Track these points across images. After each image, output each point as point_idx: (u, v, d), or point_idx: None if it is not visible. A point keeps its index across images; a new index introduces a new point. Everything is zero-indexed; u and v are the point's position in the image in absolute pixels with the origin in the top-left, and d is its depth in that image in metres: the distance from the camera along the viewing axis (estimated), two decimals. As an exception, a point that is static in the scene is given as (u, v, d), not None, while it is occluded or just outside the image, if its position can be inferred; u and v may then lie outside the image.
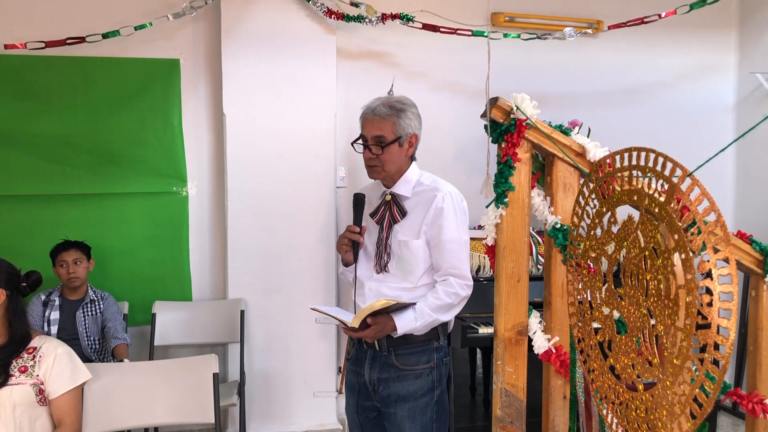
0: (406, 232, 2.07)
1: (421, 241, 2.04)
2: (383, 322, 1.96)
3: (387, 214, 2.11)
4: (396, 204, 2.11)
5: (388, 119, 2.04)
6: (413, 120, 2.08)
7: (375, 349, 2.08)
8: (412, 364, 2.06)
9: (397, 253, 2.08)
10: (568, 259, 1.50)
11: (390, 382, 2.06)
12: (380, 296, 2.06)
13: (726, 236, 0.92)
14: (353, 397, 2.19)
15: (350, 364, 2.21)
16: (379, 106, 2.06)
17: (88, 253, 3.20)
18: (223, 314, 3.48)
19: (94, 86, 3.42)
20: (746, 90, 4.22)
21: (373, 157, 2.06)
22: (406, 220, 2.08)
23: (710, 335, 0.93)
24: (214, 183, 3.64)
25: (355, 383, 2.17)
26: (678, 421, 0.99)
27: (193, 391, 2.31)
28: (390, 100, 2.08)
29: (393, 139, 2.05)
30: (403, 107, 2.07)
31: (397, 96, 2.13)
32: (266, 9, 3.46)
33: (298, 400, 3.61)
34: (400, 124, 2.05)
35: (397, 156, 2.07)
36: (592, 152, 1.80)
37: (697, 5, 3.30)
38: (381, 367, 2.08)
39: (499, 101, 1.81)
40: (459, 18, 3.49)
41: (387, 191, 2.14)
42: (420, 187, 2.11)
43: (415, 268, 2.06)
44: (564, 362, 1.86)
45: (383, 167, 2.07)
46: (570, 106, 3.97)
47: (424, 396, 2.06)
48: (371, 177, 2.14)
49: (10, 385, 2.00)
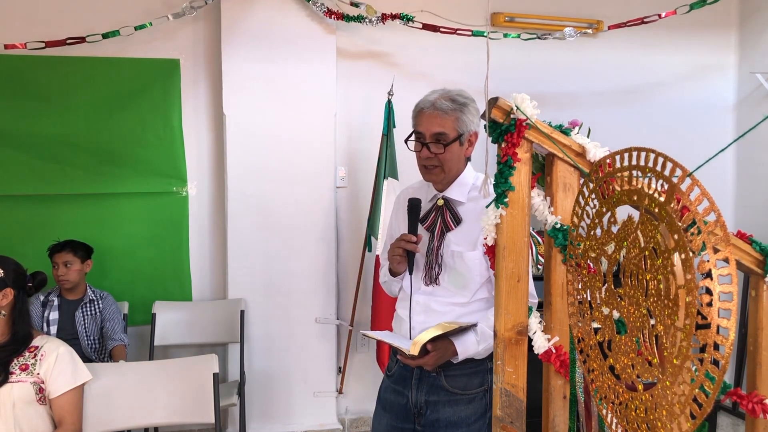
0: (461, 242, 1.87)
1: (478, 252, 1.84)
2: (443, 348, 1.79)
3: (439, 221, 1.91)
4: (449, 210, 1.90)
5: (450, 114, 1.84)
6: (475, 116, 1.88)
7: (422, 369, 1.89)
8: (463, 387, 1.88)
9: (449, 265, 1.88)
10: (568, 259, 1.50)
11: (439, 406, 1.87)
12: (428, 311, 1.90)
13: (726, 236, 0.92)
14: (388, 417, 1.98)
15: (391, 381, 2.00)
16: (439, 100, 1.85)
17: (83, 255, 3.17)
18: (223, 314, 3.48)
19: (94, 86, 3.43)
20: (746, 90, 4.22)
21: (431, 156, 1.86)
22: (461, 229, 1.88)
23: (710, 335, 0.93)
24: (214, 183, 3.64)
25: (395, 403, 1.96)
26: (678, 421, 0.99)
27: (193, 391, 2.31)
28: (451, 93, 1.87)
29: (455, 136, 1.85)
30: (465, 101, 1.87)
31: (456, 89, 1.91)
32: (266, 9, 3.46)
33: (298, 400, 3.61)
34: (463, 120, 1.85)
35: (457, 156, 1.88)
36: (592, 152, 1.80)
37: (697, 5, 3.29)
38: (429, 389, 1.89)
39: (499, 101, 1.80)
40: (459, 18, 3.49)
41: (439, 195, 1.93)
42: (476, 191, 1.88)
43: (469, 282, 1.87)
44: (564, 362, 1.86)
45: (443, 168, 1.87)
46: (570, 106, 3.97)
47: (477, 421, 1.87)
48: (427, 179, 1.94)
49: (10, 382, 2.00)
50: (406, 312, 1.94)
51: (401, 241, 1.89)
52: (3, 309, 2.07)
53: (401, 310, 1.97)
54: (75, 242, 3.18)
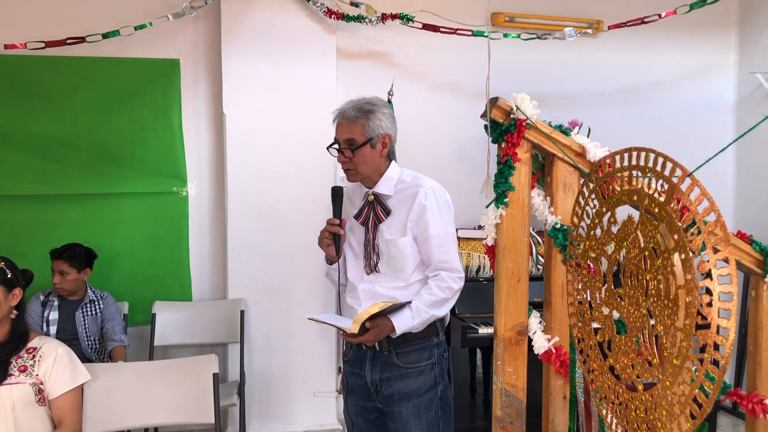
0: (392, 231, 2.06)
1: (408, 238, 2.04)
2: (381, 325, 1.95)
3: (371, 215, 2.11)
4: (379, 203, 2.10)
5: (357, 122, 2.03)
6: (384, 120, 2.06)
7: (375, 350, 2.07)
8: (413, 362, 2.06)
9: (385, 253, 2.07)
10: (568, 259, 1.50)
11: (393, 381, 2.06)
12: (374, 296, 2.06)
13: (726, 236, 0.92)
14: (353, 399, 2.18)
15: (348, 366, 2.20)
16: (348, 110, 2.06)
17: (80, 265, 3.10)
18: (223, 314, 3.48)
19: (94, 86, 3.42)
20: (746, 90, 4.22)
21: (346, 160, 2.06)
22: (391, 219, 2.07)
23: (710, 335, 0.93)
24: (214, 183, 3.64)
25: (355, 385, 2.15)
26: (678, 422, 0.99)
27: (193, 391, 2.31)
28: (359, 102, 2.07)
29: (364, 141, 2.03)
30: (372, 108, 2.05)
31: (368, 97, 2.11)
32: (266, 9, 3.46)
33: (298, 400, 3.61)
34: (369, 126, 2.03)
35: (370, 158, 2.06)
36: (592, 152, 1.80)
37: (697, 5, 3.29)
38: (383, 366, 2.07)
39: (499, 101, 1.80)
40: (459, 18, 3.49)
41: (369, 192, 2.13)
42: (401, 184, 2.09)
43: (405, 266, 2.05)
44: (564, 362, 1.86)
45: (357, 170, 2.07)
46: (570, 106, 3.97)
47: (427, 392, 2.06)
48: (348, 180, 2.14)
49: (9, 384, 2.00)
50: (354, 300, 2.13)
51: (327, 225, 2.13)
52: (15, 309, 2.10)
53: (350, 299, 2.16)
54: (75, 250, 3.11)
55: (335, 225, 2.11)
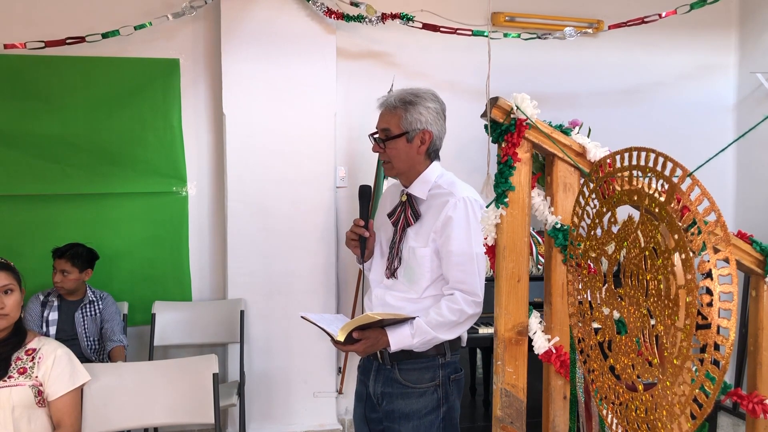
0: (417, 239, 1.92)
1: (429, 249, 1.89)
2: (374, 337, 1.84)
3: (402, 216, 1.97)
4: (411, 206, 1.95)
5: (395, 112, 1.90)
6: (426, 114, 1.90)
7: (380, 362, 1.97)
8: (415, 381, 1.94)
9: (406, 260, 1.94)
10: (568, 259, 1.50)
11: (394, 398, 1.95)
12: (383, 305, 1.96)
13: (726, 236, 0.92)
14: (361, 406, 2.09)
15: (359, 372, 2.11)
16: (391, 98, 1.93)
17: (82, 265, 3.10)
18: (223, 314, 3.47)
19: (94, 86, 3.42)
20: (746, 90, 4.22)
21: (380, 150, 1.95)
22: (419, 225, 1.93)
23: (710, 335, 0.93)
24: (214, 183, 3.64)
25: (363, 393, 2.07)
26: (678, 422, 0.99)
27: (193, 392, 2.31)
28: (405, 92, 1.93)
29: (399, 133, 1.90)
30: (414, 100, 1.90)
31: (420, 88, 1.95)
32: (266, 9, 3.46)
33: (298, 400, 3.61)
34: (407, 119, 1.90)
35: (404, 153, 1.92)
36: (592, 152, 1.80)
37: (697, 5, 3.29)
38: (385, 381, 1.97)
39: (499, 101, 1.80)
40: (459, 18, 3.49)
41: (404, 191, 2.00)
42: (436, 189, 1.94)
43: (420, 279, 1.91)
44: (564, 362, 1.86)
45: (392, 163, 1.94)
46: (570, 106, 3.97)
47: (429, 414, 1.94)
48: (386, 174, 2.03)
49: (8, 386, 2.00)
50: (368, 303, 2.03)
51: (353, 226, 2.02)
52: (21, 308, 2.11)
53: (366, 300, 2.07)
54: (77, 250, 3.12)
55: (360, 227, 1.99)
